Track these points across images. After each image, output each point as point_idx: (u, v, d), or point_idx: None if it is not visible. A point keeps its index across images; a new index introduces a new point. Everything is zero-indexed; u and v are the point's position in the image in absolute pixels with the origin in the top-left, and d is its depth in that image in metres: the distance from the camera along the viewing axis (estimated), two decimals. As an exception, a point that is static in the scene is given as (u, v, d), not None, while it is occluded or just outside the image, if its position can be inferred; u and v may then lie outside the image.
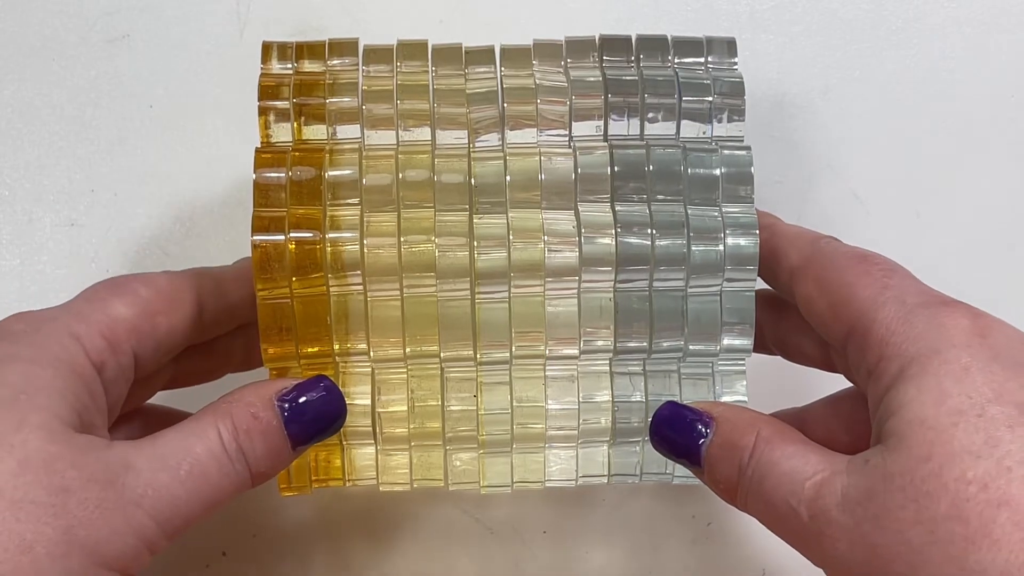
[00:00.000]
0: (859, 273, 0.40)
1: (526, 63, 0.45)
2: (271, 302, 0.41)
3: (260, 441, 0.39)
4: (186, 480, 0.37)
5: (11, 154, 0.56)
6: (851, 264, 0.40)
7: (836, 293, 0.40)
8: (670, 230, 0.42)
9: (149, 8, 0.57)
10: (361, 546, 0.54)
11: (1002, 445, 0.33)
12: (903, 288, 0.39)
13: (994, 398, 0.34)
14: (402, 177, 0.42)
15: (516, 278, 0.42)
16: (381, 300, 0.42)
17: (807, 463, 0.38)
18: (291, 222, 0.41)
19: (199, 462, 0.38)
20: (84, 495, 0.35)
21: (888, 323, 0.38)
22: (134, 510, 0.36)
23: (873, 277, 0.39)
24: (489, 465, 0.45)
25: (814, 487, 0.37)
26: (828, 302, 0.41)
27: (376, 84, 0.43)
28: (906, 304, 0.38)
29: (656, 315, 0.43)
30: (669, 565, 0.55)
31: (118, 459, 0.36)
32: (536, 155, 0.43)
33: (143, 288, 0.41)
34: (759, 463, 0.39)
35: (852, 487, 0.36)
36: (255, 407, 0.39)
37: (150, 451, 0.37)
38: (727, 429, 0.40)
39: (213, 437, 0.38)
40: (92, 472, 0.36)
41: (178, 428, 0.39)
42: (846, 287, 0.40)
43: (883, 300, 0.38)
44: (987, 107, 0.57)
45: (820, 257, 0.42)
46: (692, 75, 0.44)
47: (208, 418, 0.39)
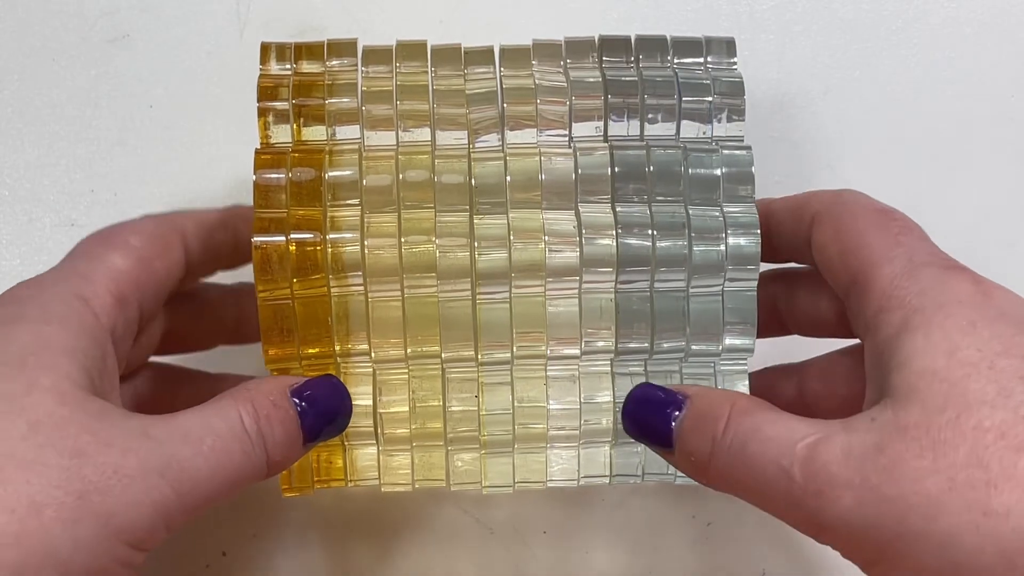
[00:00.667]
0: (875, 225, 0.40)
1: (525, 63, 0.45)
2: (272, 303, 0.41)
3: (279, 428, 0.39)
4: (209, 455, 0.36)
5: (11, 154, 0.56)
6: (869, 215, 0.41)
7: (848, 241, 0.40)
8: (671, 231, 0.42)
9: (149, 8, 0.57)
10: (361, 546, 0.54)
11: (1015, 395, 0.33)
12: (914, 247, 0.39)
13: (1002, 351, 0.35)
14: (402, 178, 0.42)
15: (517, 278, 0.42)
16: (382, 301, 0.42)
17: (795, 428, 0.37)
18: (291, 223, 0.41)
19: (222, 438, 0.37)
20: (101, 459, 0.34)
21: (892, 276, 0.38)
22: (156, 479, 0.35)
23: (888, 231, 0.40)
24: (491, 465, 0.45)
25: (807, 448, 0.36)
26: (839, 249, 0.41)
27: (375, 85, 0.43)
28: (913, 262, 0.38)
29: (657, 316, 0.43)
30: (669, 565, 0.55)
31: (137, 428, 0.35)
32: (536, 155, 0.43)
33: (133, 237, 0.41)
34: (738, 431, 0.37)
35: (856, 443, 0.35)
36: (274, 395, 0.39)
37: (170, 425, 0.36)
38: (701, 404, 0.40)
39: (235, 417, 0.38)
40: (109, 437, 0.35)
41: (196, 409, 0.38)
42: (858, 236, 0.40)
43: (892, 255, 0.39)
44: (987, 107, 0.57)
45: (841, 205, 0.42)
46: (691, 75, 0.44)
47: (228, 401, 0.38)
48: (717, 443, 0.38)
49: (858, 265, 0.40)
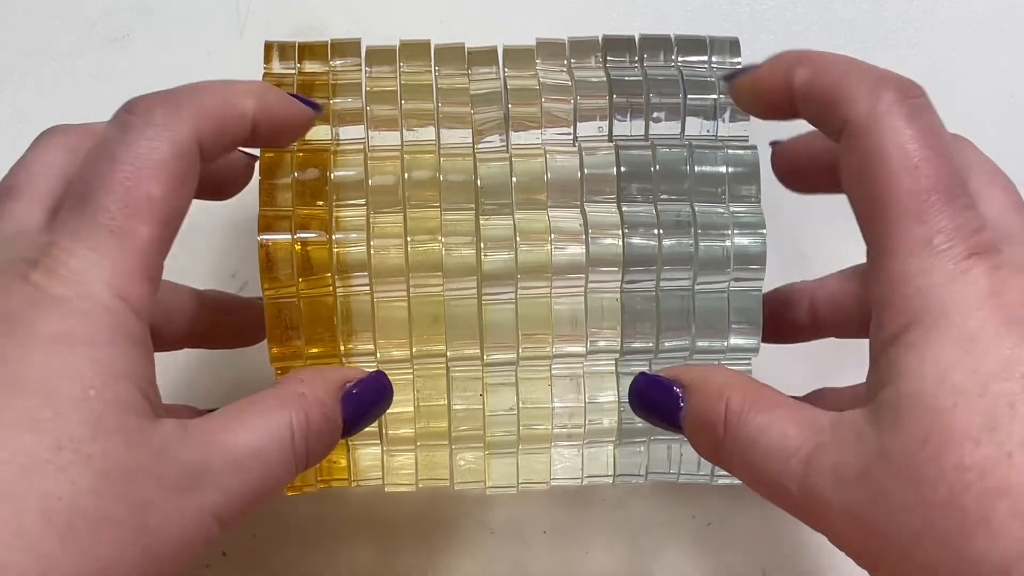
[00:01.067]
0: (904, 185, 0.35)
1: (529, 64, 0.45)
2: (277, 302, 0.41)
3: (325, 441, 0.38)
4: (255, 484, 0.36)
5: (11, 154, 0.56)
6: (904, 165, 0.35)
7: (874, 187, 0.36)
8: (676, 230, 0.42)
9: (149, 8, 0.57)
10: (361, 546, 0.54)
11: (1002, 428, 0.32)
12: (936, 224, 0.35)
13: (998, 371, 0.33)
14: (407, 177, 0.42)
15: (522, 280, 0.42)
16: (386, 301, 0.42)
17: (787, 436, 0.36)
18: (297, 222, 0.41)
19: (269, 466, 0.36)
20: (164, 508, 0.34)
21: (906, 262, 0.35)
22: (208, 518, 0.35)
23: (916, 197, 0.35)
24: (494, 466, 0.45)
25: (801, 464, 0.35)
26: (863, 194, 0.37)
27: (379, 85, 0.44)
28: (931, 247, 0.35)
29: (662, 314, 0.43)
30: (669, 565, 0.55)
31: (195, 461, 0.35)
32: (541, 156, 0.43)
33: (155, 187, 0.36)
34: (735, 438, 0.37)
35: (844, 465, 0.34)
36: (326, 405, 0.38)
37: (224, 449, 0.35)
38: (696, 400, 0.39)
39: (286, 438, 0.37)
40: (171, 480, 0.34)
41: (250, 421, 0.37)
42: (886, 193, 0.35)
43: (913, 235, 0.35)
44: (987, 107, 0.58)
45: (877, 125, 0.36)
46: (695, 73, 0.45)
47: (283, 412, 0.37)
48: (720, 445, 0.38)
49: (876, 228, 0.36)
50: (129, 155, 0.36)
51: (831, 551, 0.37)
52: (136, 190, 0.35)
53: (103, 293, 0.34)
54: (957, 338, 0.34)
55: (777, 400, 0.38)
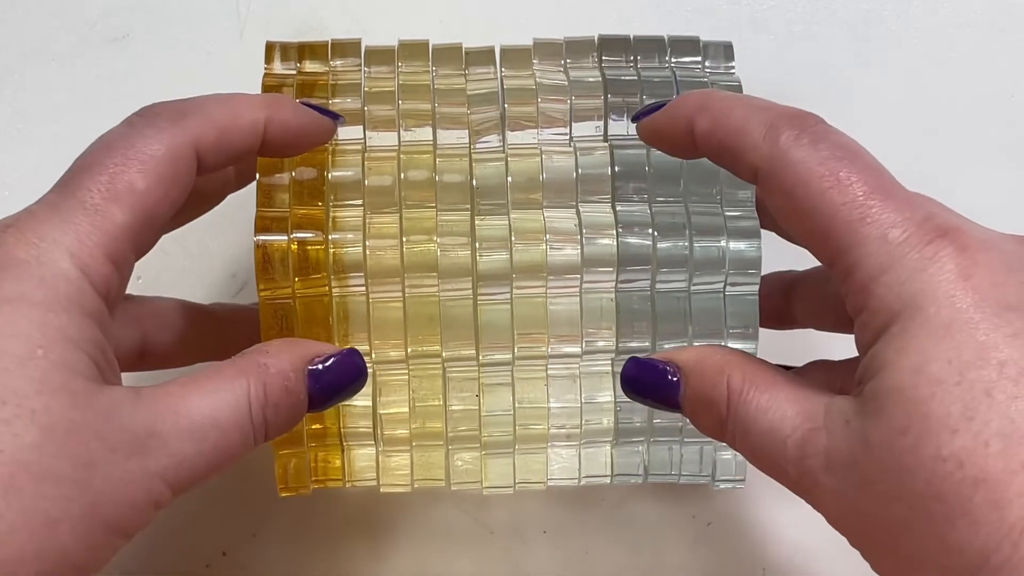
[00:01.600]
0: (836, 200, 0.36)
1: (526, 64, 0.45)
2: (273, 302, 0.41)
3: (284, 413, 0.38)
4: (209, 452, 0.36)
5: (11, 154, 0.56)
6: (826, 185, 0.36)
7: (810, 219, 0.36)
8: (671, 232, 0.42)
9: (149, 8, 0.57)
10: (361, 546, 0.54)
11: (979, 416, 0.32)
12: (884, 219, 0.35)
13: (974, 359, 0.33)
14: (404, 177, 0.42)
15: (518, 280, 0.42)
16: (382, 302, 0.42)
17: (783, 418, 0.36)
18: (294, 222, 0.41)
19: (225, 435, 0.36)
20: (108, 469, 0.34)
21: (869, 270, 0.35)
22: (156, 482, 0.35)
23: (852, 206, 0.36)
24: (491, 466, 0.45)
25: (796, 446, 0.36)
26: (803, 229, 0.37)
27: (377, 86, 0.44)
28: (888, 243, 0.35)
29: (659, 316, 0.43)
30: (669, 565, 0.55)
31: (143, 426, 0.35)
32: (537, 156, 0.43)
33: (140, 179, 0.37)
34: (736, 419, 0.37)
35: (835, 450, 0.35)
36: (288, 378, 0.38)
37: (176, 417, 0.36)
38: (696, 382, 0.39)
39: (243, 405, 0.37)
40: (116, 442, 0.34)
41: (207, 387, 0.37)
42: (823, 217, 0.36)
43: (864, 238, 0.35)
44: (987, 107, 0.58)
45: (788, 170, 0.37)
46: (690, 74, 0.45)
47: (240, 381, 0.37)
48: (724, 424, 0.38)
49: (830, 251, 0.37)
50: (122, 147, 0.37)
51: (831, 551, 0.37)
52: (120, 178, 0.37)
53: (64, 261, 0.35)
54: (933, 328, 0.34)
55: (776, 378, 0.38)
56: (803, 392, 0.37)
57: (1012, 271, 0.34)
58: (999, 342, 0.33)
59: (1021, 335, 0.33)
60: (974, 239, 0.35)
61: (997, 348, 0.33)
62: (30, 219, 0.36)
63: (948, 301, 0.34)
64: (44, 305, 0.35)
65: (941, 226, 0.35)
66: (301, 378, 0.39)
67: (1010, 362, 0.33)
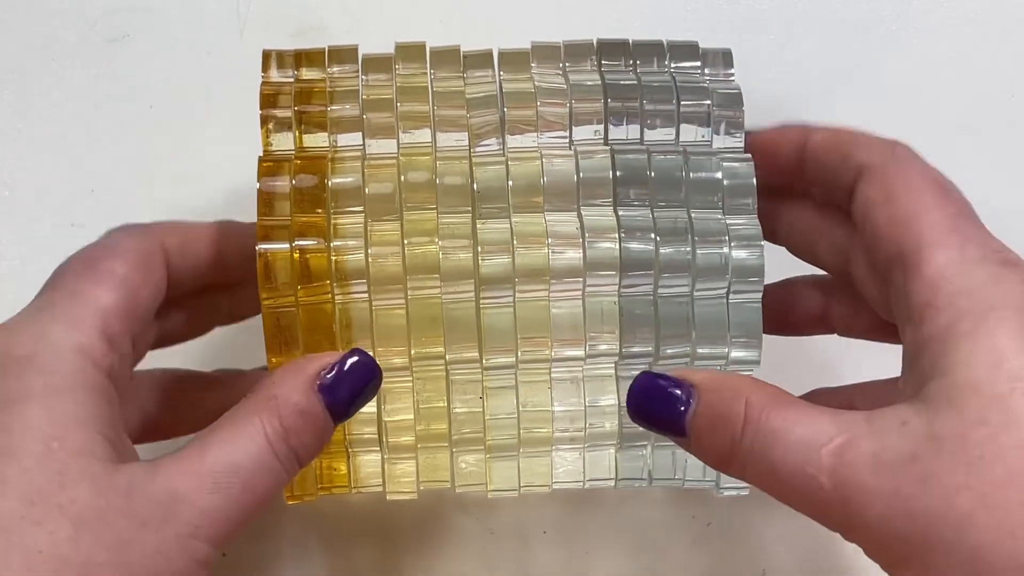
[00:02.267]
0: (932, 200, 0.38)
1: (524, 67, 0.45)
2: (275, 311, 0.41)
3: (309, 434, 0.38)
4: (239, 498, 0.37)
5: (11, 154, 0.56)
6: (927, 188, 0.39)
7: (900, 210, 0.39)
8: (673, 237, 0.42)
9: (149, 8, 0.57)
10: (362, 547, 0.54)
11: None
12: (970, 234, 0.38)
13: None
14: (404, 180, 0.42)
15: (520, 283, 0.42)
16: (385, 309, 0.42)
17: (818, 429, 0.36)
18: (295, 230, 0.41)
19: (251, 477, 0.37)
20: (143, 544, 0.35)
21: (944, 267, 0.37)
22: (192, 542, 0.36)
23: (945, 211, 0.38)
24: (495, 469, 0.45)
25: (834, 454, 0.35)
26: (889, 216, 0.39)
27: (375, 93, 0.43)
28: (967, 253, 0.37)
29: (662, 321, 0.43)
30: (669, 565, 0.55)
31: (165, 493, 0.36)
32: (537, 159, 0.43)
33: (118, 264, 0.40)
34: (758, 433, 0.37)
35: (887, 450, 0.34)
36: (300, 402, 0.38)
37: (197, 471, 0.36)
38: (712, 398, 0.38)
39: (262, 444, 0.37)
40: (144, 516, 0.35)
41: (222, 437, 0.37)
42: (913, 208, 0.38)
43: (946, 241, 0.37)
44: (986, 107, 0.58)
45: (897, 165, 0.40)
46: (689, 79, 0.45)
47: (254, 421, 0.38)
48: (737, 444, 0.37)
49: (908, 241, 0.38)
50: (98, 247, 0.41)
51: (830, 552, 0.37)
52: (100, 266, 0.40)
53: (61, 346, 0.37)
54: (1008, 331, 0.35)
55: (796, 401, 0.38)
56: (831, 409, 0.37)
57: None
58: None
59: None
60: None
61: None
62: (20, 318, 0.38)
63: (1021, 309, 0.35)
64: (50, 395, 0.36)
65: (1011, 259, 0.37)
66: (314, 397, 0.39)
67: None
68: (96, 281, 0.39)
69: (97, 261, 0.40)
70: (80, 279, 0.39)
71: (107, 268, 0.40)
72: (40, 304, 0.39)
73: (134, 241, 0.41)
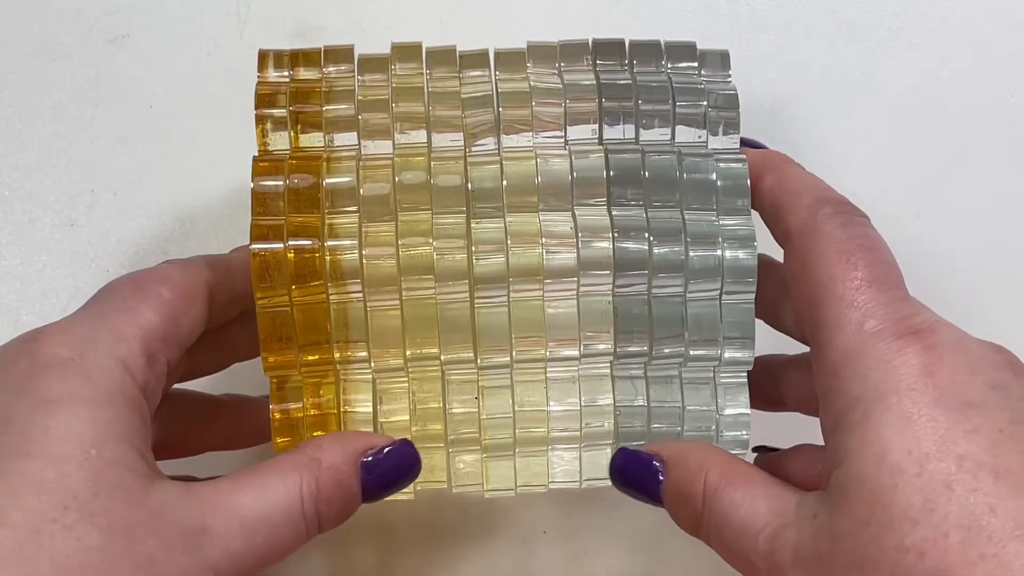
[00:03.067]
0: (837, 277, 0.38)
1: (520, 67, 0.45)
2: (271, 310, 0.41)
3: (337, 507, 0.39)
4: (260, 547, 0.37)
5: (11, 154, 0.56)
6: (835, 262, 0.39)
7: (812, 290, 0.39)
8: (668, 237, 0.42)
9: (149, 8, 0.57)
10: (361, 547, 0.54)
11: (939, 508, 0.33)
12: (868, 308, 0.38)
13: (934, 452, 0.34)
14: (399, 180, 0.42)
15: (515, 282, 0.42)
16: (381, 310, 0.42)
17: (756, 514, 0.38)
18: (290, 230, 0.41)
19: (276, 529, 0.38)
20: (166, 566, 0.35)
21: (840, 351, 0.37)
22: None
23: (846, 287, 0.38)
24: (492, 469, 0.45)
25: (767, 542, 0.37)
26: (803, 294, 0.40)
27: (371, 94, 0.43)
28: (863, 331, 0.37)
29: (656, 321, 0.43)
30: (669, 565, 0.55)
31: (195, 522, 0.36)
32: (532, 159, 0.43)
33: (165, 289, 0.40)
34: (711, 514, 0.39)
35: (802, 543, 0.36)
36: (341, 472, 0.39)
37: (227, 511, 0.37)
38: (676, 474, 0.41)
39: (295, 500, 0.38)
40: (171, 539, 0.35)
41: (257, 483, 0.38)
42: (821, 288, 0.39)
43: (844, 320, 0.38)
44: (987, 107, 0.57)
45: (812, 236, 0.40)
46: (686, 80, 0.44)
47: (292, 476, 0.38)
48: (700, 518, 0.40)
49: (814, 321, 0.39)
50: (146, 273, 0.42)
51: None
52: (148, 288, 0.40)
53: (106, 357, 0.37)
54: (894, 419, 0.35)
55: (752, 476, 0.39)
56: (777, 490, 0.38)
57: (976, 372, 0.36)
58: (958, 437, 0.34)
59: (980, 431, 0.34)
60: (943, 340, 0.36)
61: (956, 442, 0.34)
62: (66, 323, 0.39)
63: (909, 394, 0.35)
64: (92, 402, 0.36)
65: (915, 325, 0.37)
66: (354, 471, 0.40)
67: (968, 456, 0.34)
68: (143, 300, 0.40)
69: (145, 283, 0.41)
70: (129, 297, 0.40)
71: (154, 290, 0.40)
72: (88, 312, 0.40)
73: (180, 273, 0.42)
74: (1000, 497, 0.33)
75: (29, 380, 0.36)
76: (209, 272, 0.43)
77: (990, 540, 0.32)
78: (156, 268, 0.42)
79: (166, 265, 0.43)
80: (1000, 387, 0.36)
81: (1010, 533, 0.32)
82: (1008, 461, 0.33)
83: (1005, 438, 0.34)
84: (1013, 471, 0.33)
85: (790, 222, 0.41)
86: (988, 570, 0.32)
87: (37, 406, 0.35)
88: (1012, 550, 0.32)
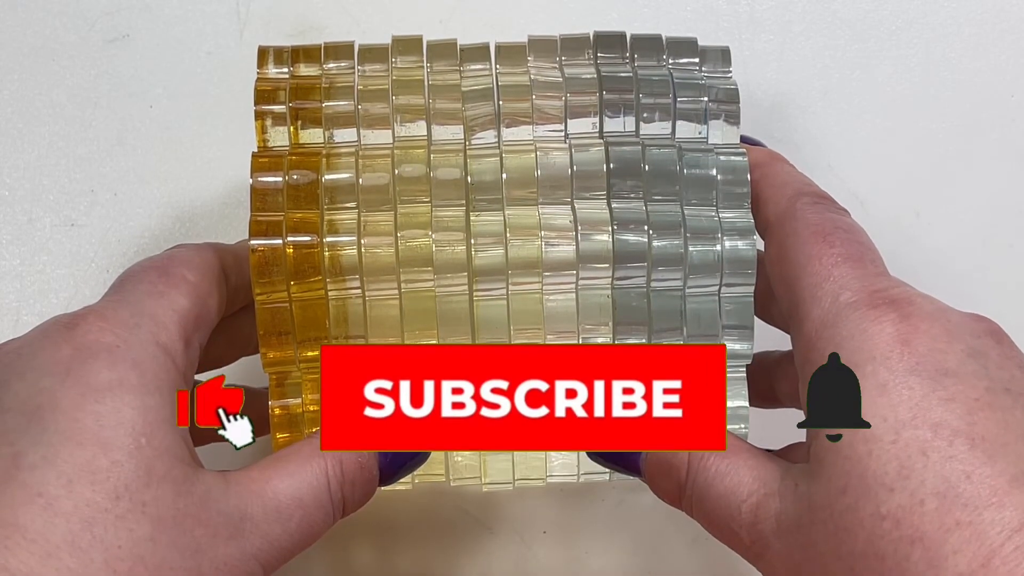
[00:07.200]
0: (813, 255, 0.39)
1: (521, 60, 0.45)
2: (270, 306, 0.41)
3: (360, 490, 0.40)
4: (295, 532, 0.38)
5: (11, 154, 0.56)
6: (811, 241, 0.39)
7: (789, 269, 0.39)
8: (667, 230, 0.42)
9: (149, 8, 0.57)
10: (361, 545, 0.54)
11: (914, 475, 0.33)
12: (843, 281, 0.38)
13: (909, 419, 0.34)
14: (398, 173, 0.42)
15: (514, 275, 0.42)
16: (379, 300, 0.42)
17: (740, 483, 0.38)
18: (289, 226, 0.41)
19: (308, 513, 0.38)
20: (214, 555, 0.35)
21: (818, 322, 0.37)
22: (253, 563, 0.37)
23: (822, 263, 0.38)
24: (490, 462, 0.45)
25: (750, 511, 0.37)
26: (781, 276, 0.40)
27: (372, 84, 0.44)
28: (838, 302, 0.37)
29: (655, 315, 0.43)
30: (669, 565, 0.55)
31: (236, 510, 0.37)
32: (532, 152, 0.43)
33: (189, 273, 0.40)
34: (695, 483, 0.39)
35: (784, 514, 0.36)
36: (362, 455, 0.40)
37: (263, 498, 0.37)
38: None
39: (323, 485, 0.38)
40: (217, 528, 0.36)
41: (288, 470, 0.38)
42: (798, 267, 0.39)
43: (820, 293, 0.38)
44: (987, 107, 0.57)
45: (790, 222, 0.40)
46: (687, 75, 0.45)
47: (319, 461, 0.39)
48: (683, 489, 0.40)
49: (792, 300, 0.39)
50: (164, 257, 0.42)
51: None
52: (173, 272, 0.40)
53: (149, 343, 0.37)
54: (869, 387, 0.35)
55: (738, 446, 0.39)
56: (762, 460, 0.38)
57: (953, 340, 0.36)
58: (934, 404, 0.34)
59: (956, 399, 0.34)
60: (920, 309, 0.36)
61: (931, 410, 0.34)
62: (103, 308, 0.38)
63: (885, 362, 0.35)
64: (141, 389, 0.36)
65: (892, 296, 0.37)
66: (372, 454, 0.40)
67: (944, 424, 0.34)
68: (173, 285, 0.40)
69: (169, 267, 0.40)
70: (157, 282, 0.40)
71: (180, 274, 0.40)
72: (119, 299, 0.39)
73: (198, 255, 0.42)
74: (976, 464, 0.33)
75: (76, 366, 0.36)
76: (222, 255, 0.43)
77: (965, 507, 0.32)
78: (172, 252, 0.42)
79: (181, 249, 0.42)
80: (978, 355, 0.35)
81: (986, 500, 0.32)
82: (983, 428, 0.33)
83: (982, 406, 0.34)
84: (988, 438, 0.33)
85: (770, 211, 0.42)
86: (964, 537, 0.32)
87: (86, 392, 0.35)
88: (988, 517, 0.32)
